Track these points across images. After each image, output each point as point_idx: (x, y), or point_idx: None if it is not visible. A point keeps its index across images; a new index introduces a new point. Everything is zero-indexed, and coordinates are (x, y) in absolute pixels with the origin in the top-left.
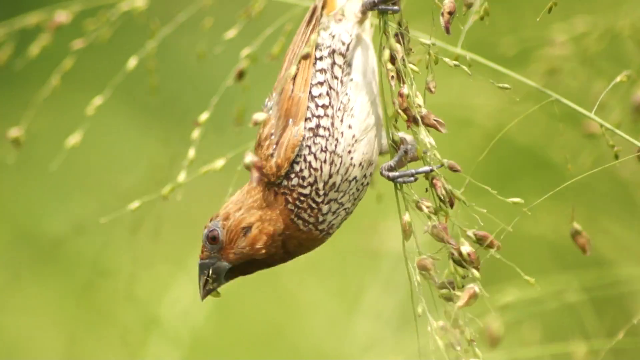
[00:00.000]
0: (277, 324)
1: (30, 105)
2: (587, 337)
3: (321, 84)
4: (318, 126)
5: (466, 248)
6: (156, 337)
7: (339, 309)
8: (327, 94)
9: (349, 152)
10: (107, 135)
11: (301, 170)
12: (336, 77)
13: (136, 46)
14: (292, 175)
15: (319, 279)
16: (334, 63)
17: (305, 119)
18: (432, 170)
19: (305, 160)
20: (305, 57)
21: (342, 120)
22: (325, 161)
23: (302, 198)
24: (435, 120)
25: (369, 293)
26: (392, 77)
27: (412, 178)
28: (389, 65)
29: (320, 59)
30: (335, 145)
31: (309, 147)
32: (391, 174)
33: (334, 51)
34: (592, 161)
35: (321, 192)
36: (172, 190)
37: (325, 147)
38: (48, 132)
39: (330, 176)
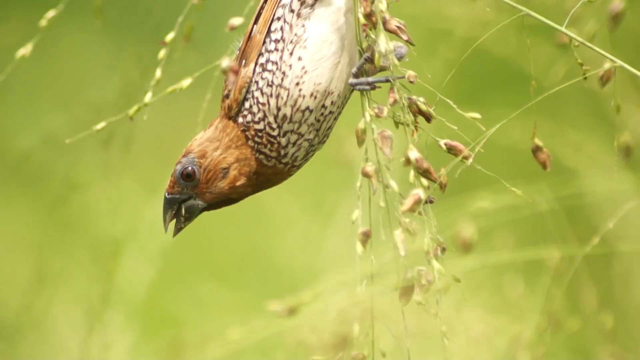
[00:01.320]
0: (251, 241)
1: None
2: (559, 243)
3: (279, 19)
4: (267, 61)
5: (414, 154)
6: (127, 255)
7: (314, 226)
8: (281, 28)
9: (297, 84)
10: (79, 51)
11: (250, 107)
12: (292, 10)
13: None
14: (245, 112)
15: (295, 194)
16: None
17: (259, 54)
18: (388, 81)
19: (253, 96)
20: None
21: (291, 53)
22: (271, 95)
23: (259, 133)
24: (397, 26)
25: (344, 209)
26: None
27: (368, 86)
28: None
29: None
30: (282, 79)
31: (257, 82)
32: (351, 80)
33: None
34: (564, 72)
35: (274, 126)
36: (138, 110)
37: (272, 81)
38: (13, 51)
39: (279, 109)
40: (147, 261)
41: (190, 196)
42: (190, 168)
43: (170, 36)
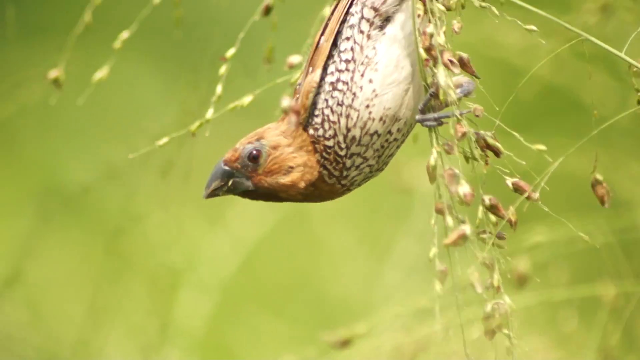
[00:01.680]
0: (306, 272)
1: (64, 44)
2: (615, 279)
3: (348, 39)
4: (338, 80)
5: (463, 189)
6: (185, 288)
7: (369, 257)
8: (352, 49)
9: (367, 106)
10: (136, 81)
11: (322, 122)
12: (362, 32)
13: None
14: (317, 127)
15: (350, 225)
16: (362, 17)
17: (329, 73)
18: (454, 115)
19: (323, 113)
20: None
21: (362, 75)
22: (341, 114)
23: (328, 150)
24: (449, 59)
25: (401, 241)
26: (419, 15)
27: (434, 122)
28: (418, 4)
29: (353, 14)
30: (352, 100)
31: (327, 100)
32: (417, 116)
33: (364, 5)
34: (620, 103)
35: (343, 146)
36: (200, 126)
37: (342, 101)
38: (72, 81)
39: (349, 130)
40: (204, 294)
41: (244, 175)
42: (260, 152)
43: (231, 52)
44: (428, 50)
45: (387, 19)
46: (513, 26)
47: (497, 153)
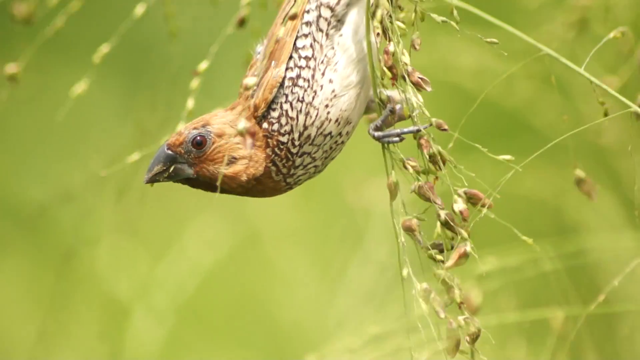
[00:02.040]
0: (259, 297)
1: (31, 43)
2: (563, 304)
3: (306, 36)
4: (298, 76)
5: (459, 205)
6: (139, 312)
7: (323, 282)
8: (311, 46)
9: (326, 106)
10: (91, 99)
11: (279, 117)
12: (321, 30)
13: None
14: (273, 121)
15: (304, 249)
16: (319, 16)
17: (287, 69)
18: (419, 131)
19: (282, 107)
20: (293, 17)
21: (323, 74)
22: (300, 111)
23: (280, 146)
24: (419, 77)
25: (354, 264)
26: (378, 34)
27: (397, 138)
28: (376, 22)
29: (308, 11)
30: (313, 98)
31: (286, 95)
32: (377, 133)
33: (321, 4)
34: (573, 124)
35: (296, 143)
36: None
37: (302, 97)
38: (28, 102)
39: (305, 128)
40: (157, 320)
41: (186, 162)
42: (205, 139)
43: (203, 65)
44: (390, 68)
45: (340, 21)
46: (466, 48)
47: (440, 167)
